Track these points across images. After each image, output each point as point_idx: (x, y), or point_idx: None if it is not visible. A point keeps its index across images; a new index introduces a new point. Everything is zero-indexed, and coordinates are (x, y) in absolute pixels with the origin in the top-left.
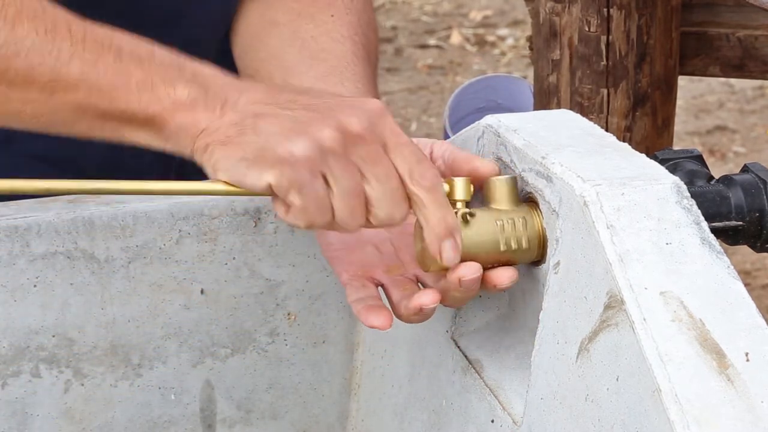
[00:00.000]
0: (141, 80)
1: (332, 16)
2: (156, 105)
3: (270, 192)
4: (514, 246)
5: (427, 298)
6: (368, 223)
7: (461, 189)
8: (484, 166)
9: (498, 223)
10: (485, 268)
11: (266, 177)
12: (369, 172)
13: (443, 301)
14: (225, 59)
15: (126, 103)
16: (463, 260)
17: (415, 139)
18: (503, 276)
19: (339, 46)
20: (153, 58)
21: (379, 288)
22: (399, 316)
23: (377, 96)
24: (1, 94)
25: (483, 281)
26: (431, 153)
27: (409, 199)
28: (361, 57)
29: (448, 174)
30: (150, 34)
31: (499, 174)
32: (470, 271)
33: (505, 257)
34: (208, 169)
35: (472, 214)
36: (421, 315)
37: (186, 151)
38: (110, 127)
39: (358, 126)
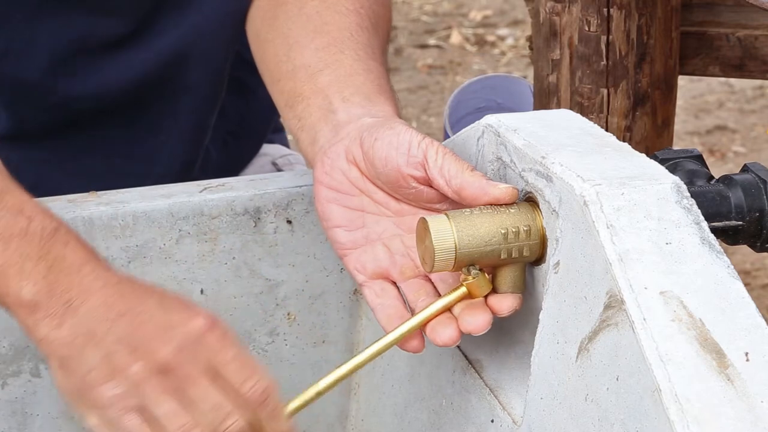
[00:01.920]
0: None
1: None
2: (6, 298)
3: None
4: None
5: (453, 333)
6: None
7: (480, 288)
8: (504, 194)
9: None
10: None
11: (90, 418)
12: (182, 397)
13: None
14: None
15: None
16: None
17: (403, 130)
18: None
19: (343, 18)
20: (25, 235)
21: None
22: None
23: (384, 64)
24: None
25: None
26: (425, 162)
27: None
28: (366, 28)
29: (455, 199)
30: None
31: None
32: (481, 326)
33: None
34: None
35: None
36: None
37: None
38: None
39: (165, 354)
